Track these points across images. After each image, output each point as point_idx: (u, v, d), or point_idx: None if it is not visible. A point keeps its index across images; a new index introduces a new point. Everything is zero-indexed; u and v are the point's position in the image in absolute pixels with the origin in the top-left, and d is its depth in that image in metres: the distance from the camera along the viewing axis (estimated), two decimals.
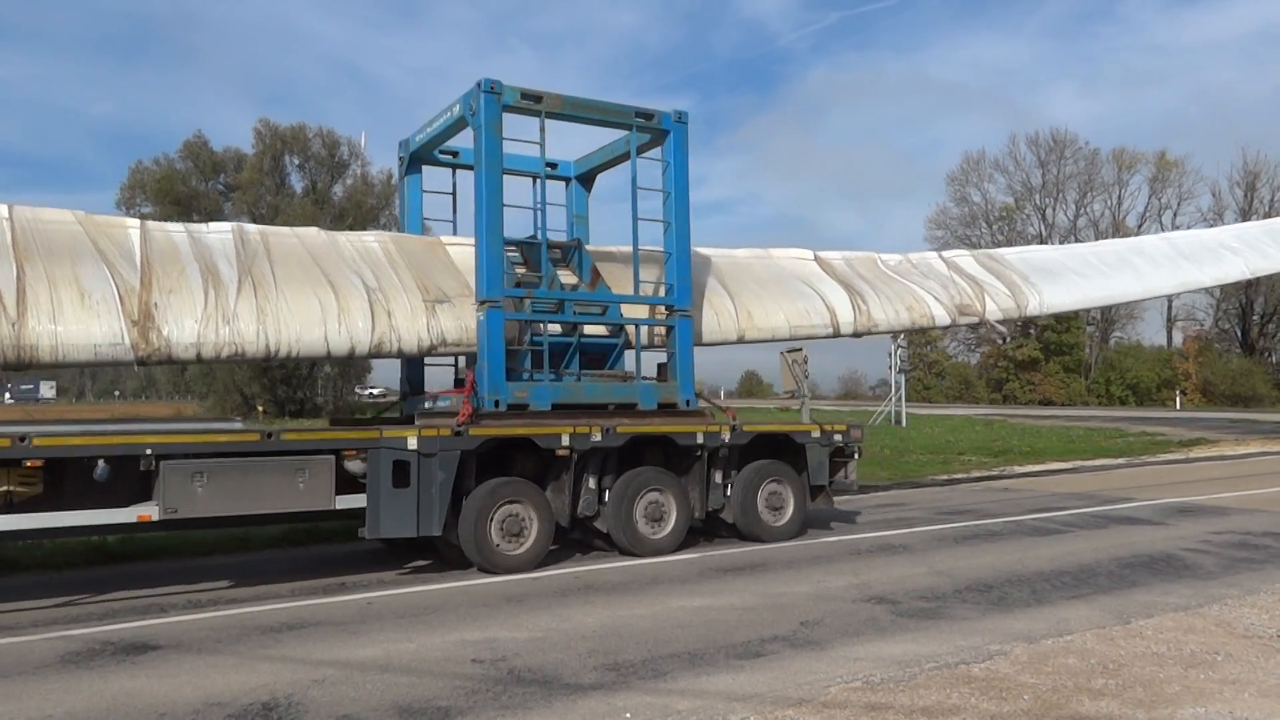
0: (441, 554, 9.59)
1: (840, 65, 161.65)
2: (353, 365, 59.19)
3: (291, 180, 55.32)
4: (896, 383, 39.17)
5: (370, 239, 10.55)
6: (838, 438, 11.17)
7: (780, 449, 10.96)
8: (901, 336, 52.26)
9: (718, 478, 10.40)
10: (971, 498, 15.08)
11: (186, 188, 51.21)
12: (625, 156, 11.23)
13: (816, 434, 11.04)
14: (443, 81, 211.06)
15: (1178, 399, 65.02)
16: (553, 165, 12.20)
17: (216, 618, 7.44)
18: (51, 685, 5.71)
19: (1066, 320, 73.94)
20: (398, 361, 11.23)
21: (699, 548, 10.38)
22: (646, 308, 10.88)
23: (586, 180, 12.49)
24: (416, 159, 11.78)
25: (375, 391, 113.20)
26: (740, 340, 11.64)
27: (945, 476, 19.08)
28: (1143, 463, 21.87)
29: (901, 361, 39.98)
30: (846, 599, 7.80)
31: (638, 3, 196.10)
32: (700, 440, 10.18)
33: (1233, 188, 76.16)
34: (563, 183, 12.51)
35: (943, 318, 13.00)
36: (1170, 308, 79.89)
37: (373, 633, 6.91)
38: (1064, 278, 14.32)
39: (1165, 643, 6.36)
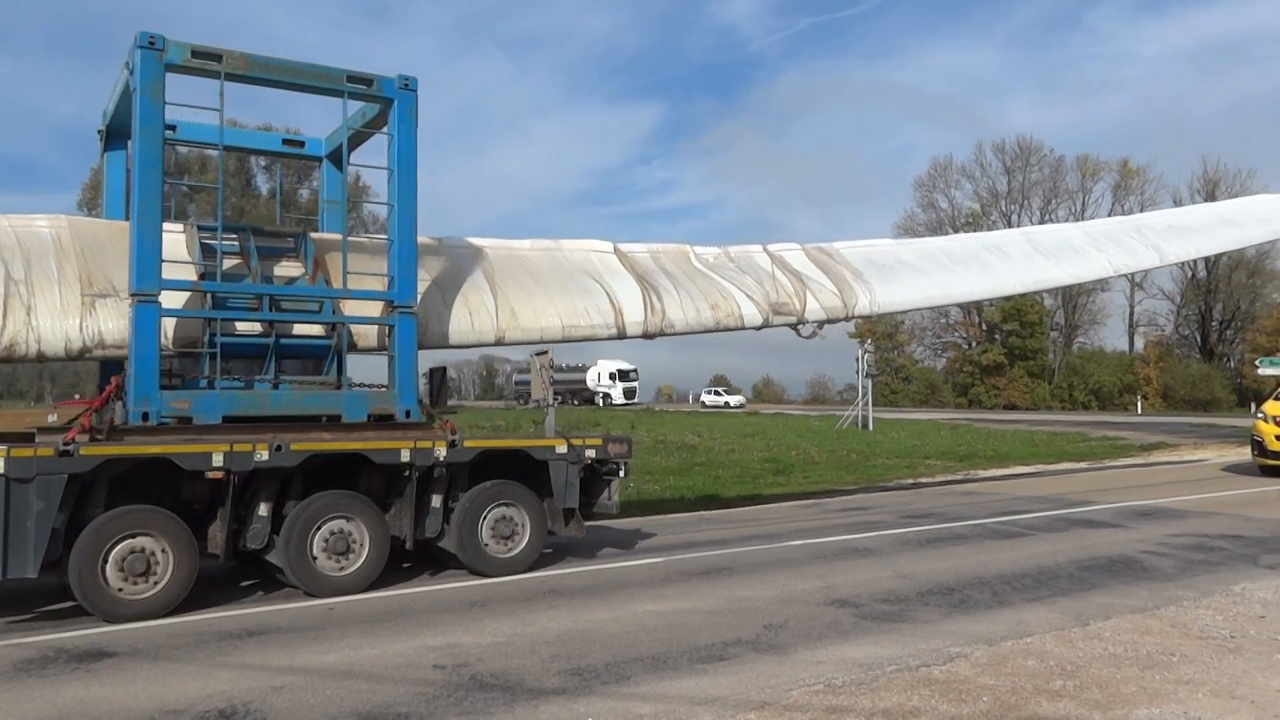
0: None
1: (811, 71, 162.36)
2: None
3: (257, 182, 54.83)
4: (863, 387, 39.45)
5: (42, 223, 9.05)
6: (591, 453, 9.70)
7: (521, 468, 9.52)
8: (869, 341, 52.71)
9: (435, 501, 8.99)
10: (936, 501, 15.20)
11: None
12: (375, 129, 10.00)
13: (563, 450, 9.54)
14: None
15: (1139, 403, 66.02)
16: (298, 143, 11.30)
17: (174, 624, 7.33)
18: (1, 694, 5.60)
19: (1031, 325, 74.95)
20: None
21: (664, 551, 10.38)
22: (365, 304, 9.43)
23: (338, 160, 10.91)
24: (116, 133, 10.00)
25: None
26: (499, 342, 10.42)
27: (911, 480, 19.24)
28: (1104, 466, 22.17)
29: (868, 366, 40.30)
30: (810, 602, 7.83)
31: (610, 6, 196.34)
32: (407, 458, 8.67)
33: (1193, 195, 77.18)
34: (315, 163, 11.40)
35: (753, 318, 11.84)
36: (1132, 314, 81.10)
37: (334, 639, 6.85)
38: (903, 275, 13.26)
39: (1122, 644, 6.45)
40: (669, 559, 9.98)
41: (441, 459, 8.85)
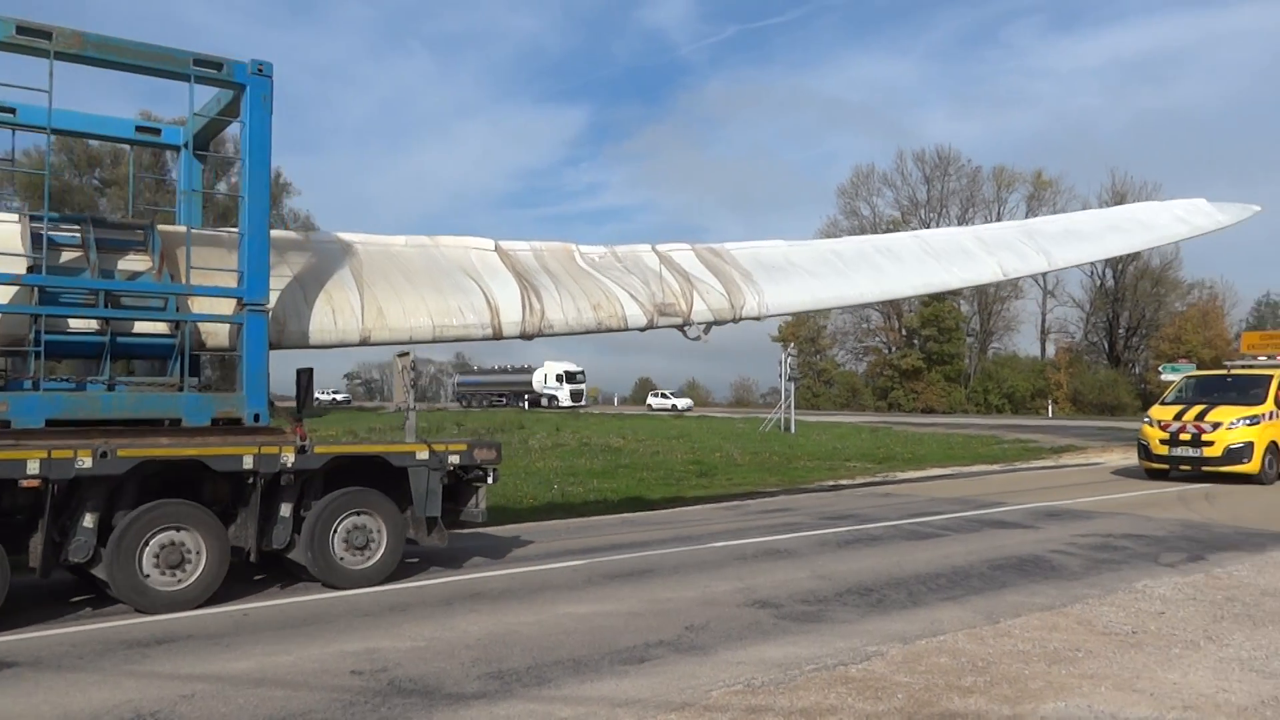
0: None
1: (738, 78, 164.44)
2: (232, 371, 57.39)
3: (172, 176, 53.35)
4: (786, 390, 39.97)
5: None
6: (454, 459, 9.27)
7: (379, 475, 9.04)
8: (792, 345, 53.40)
9: (285, 510, 8.50)
10: (855, 503, 15.47)
11: (60, 182, 48.83)
12: (232, 117, 9.47)
13: (424, 455, 9.08)
14: (339, 81, 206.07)
15: (1050, 408, 68.20)
16: (153, 130, 10.78)
17: (79, 633, 7.09)
18: None
19: (948, 331, 76.78)
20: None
21: (586, 554, 10.38)
22: (217, 302, 8.87)
23: (201, 148, 10.53)
24: None
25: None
26: (365, 342, 9.87)
27: (831, 482, 19.55)
28: (1016, 468, 22.83)
29: (791, 370, 40.87)
30: (731, 603, 7.90)
31: (538, 8, 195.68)
32: (250, 465, 8.17)
33: (1103, 205, 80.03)
34: (173, 151, 10.99)
35: (637, 318, 11.46)
36: (1044, 321, 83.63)
37: (247, 645, 6.69)
38: (792, 277, 13.03)
39: (1031, 641, 6.65)
40: (591, 561, 9.98)
41: (290, 465, 8.36)
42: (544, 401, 78.91)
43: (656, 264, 12.31)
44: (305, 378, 10.29)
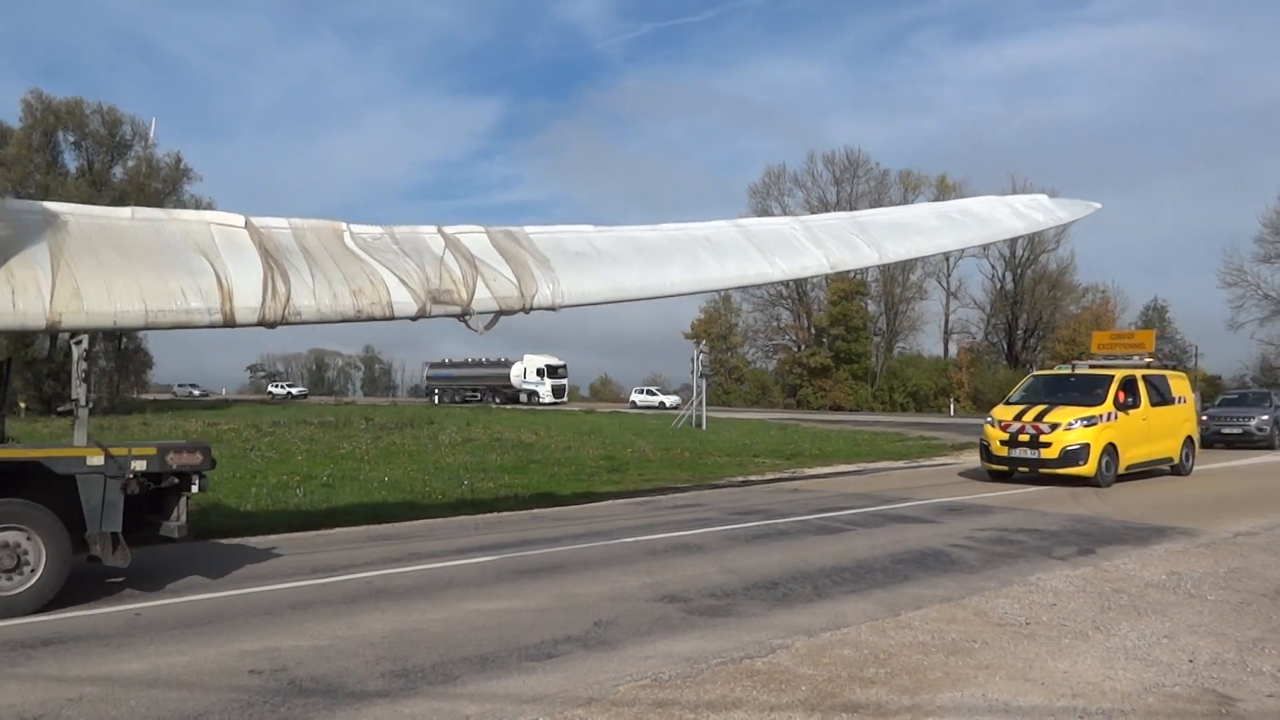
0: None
1: (654, 76, 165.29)
2: (132, 360, 55.33)
3: (65, 159, 51.08)
4: (698, 386, 40.31)
5: None
6: (140, 465, 8.00)
7: (43, 484, 7.79)
8: (704, 342, 53.85)
9: None
10: (764, 499, 15.68)
11: None
12: None
13: (97, 461, 7.80)
14: (246, 65, 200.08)
15: (952, 406, 70.26)
16: None
17: None
18: None
19: (856, 330, 78.40)
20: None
21: (495, 550, 10.30)
22: None
23: None
24: None
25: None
26: (54, 328, 8.54)
27: (741, 478, 19.78)
28: (919, 465, 23.44)
29: (703, 366, 41.23)
30: (640, 598, 7.93)
31: None
32: None
33: None
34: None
35: (406, 306, 10.35)
36: (948, 321, 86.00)
37: (140, 645, 6.45)
38: (598, 265, 11.94)
39: (930, 632, 6.83)
40: (500, 557, 9.90)
41: None
42: (523, 397, 75.71)
43: (440, 247, 11.13)
44: (3, 369, 9.41)
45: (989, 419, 18.69)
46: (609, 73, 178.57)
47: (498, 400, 76.13)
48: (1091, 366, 20.69)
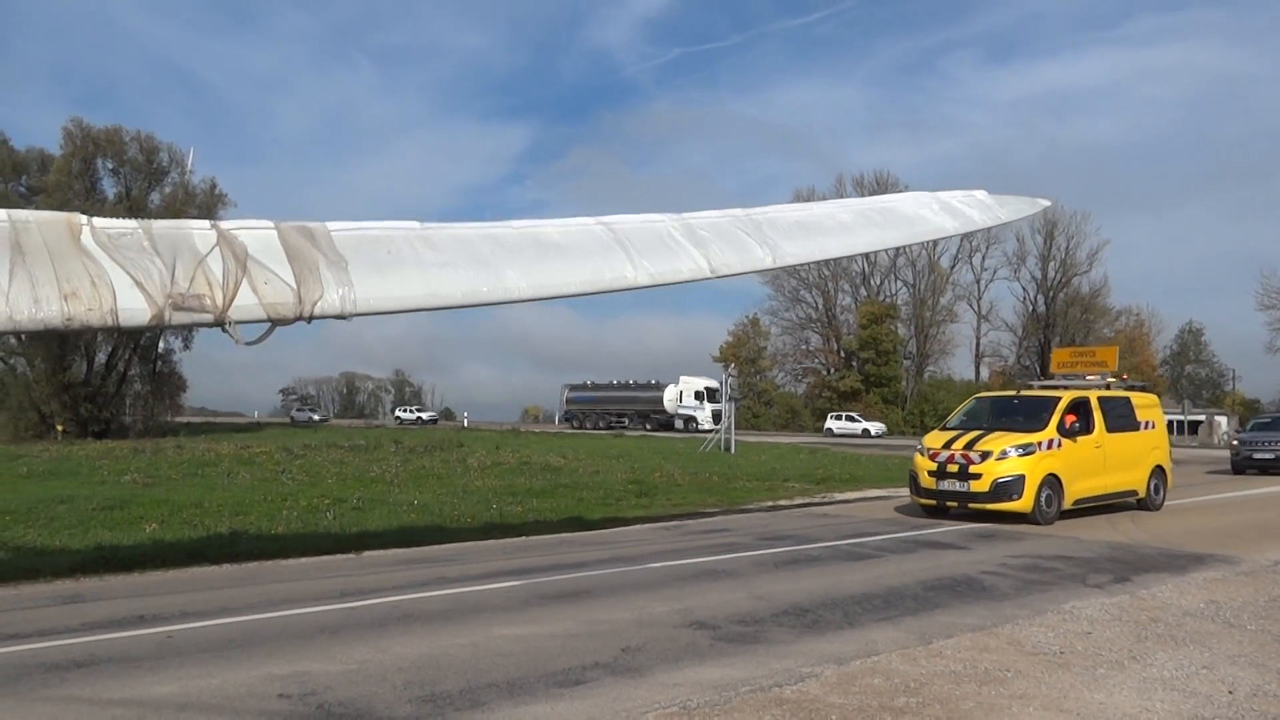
0: None
1: (681, 100, 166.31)
2: (166, 383, 56.04)
3: (103, 185, 52.03)
4: (726, 410, 40.15)
5: None
6: None
7: None
8: (732, 365, 53.75)
9: None
10: (793, 524, 15.57)
11: None
12: None
13: None
14: (282, 92, 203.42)
15: None
16: None
17: None
18: None
19: (886, 354, 78.04)
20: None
21: (523, 574, 10.29)
22: None
23: None
24: None
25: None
26: None
27: (770, 503, 19.65)
28: None
29: (731, 390, 41.11)
30: (668, 624, 7.89)
31: (484, 25, 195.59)
32: None
33: (1034, 234, 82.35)
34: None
35: (137, 313, 8.73)
36: (979, 344, 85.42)
37: (171, 668, 6.49)
38: (411, 267, 10.08)
39: (962, 661, 6.73)
40: (528, 582, 9.89)
41: None
42: (679, 423, 68.92)
43: (209, 245, 9.56)
44: None
45: (919, 447, 16.77)
46: (638, 97, 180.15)
47: (648, 426, 69.37)
48: (1041, 388, 18.90)
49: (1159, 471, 17.60)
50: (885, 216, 13.56)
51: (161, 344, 54.71)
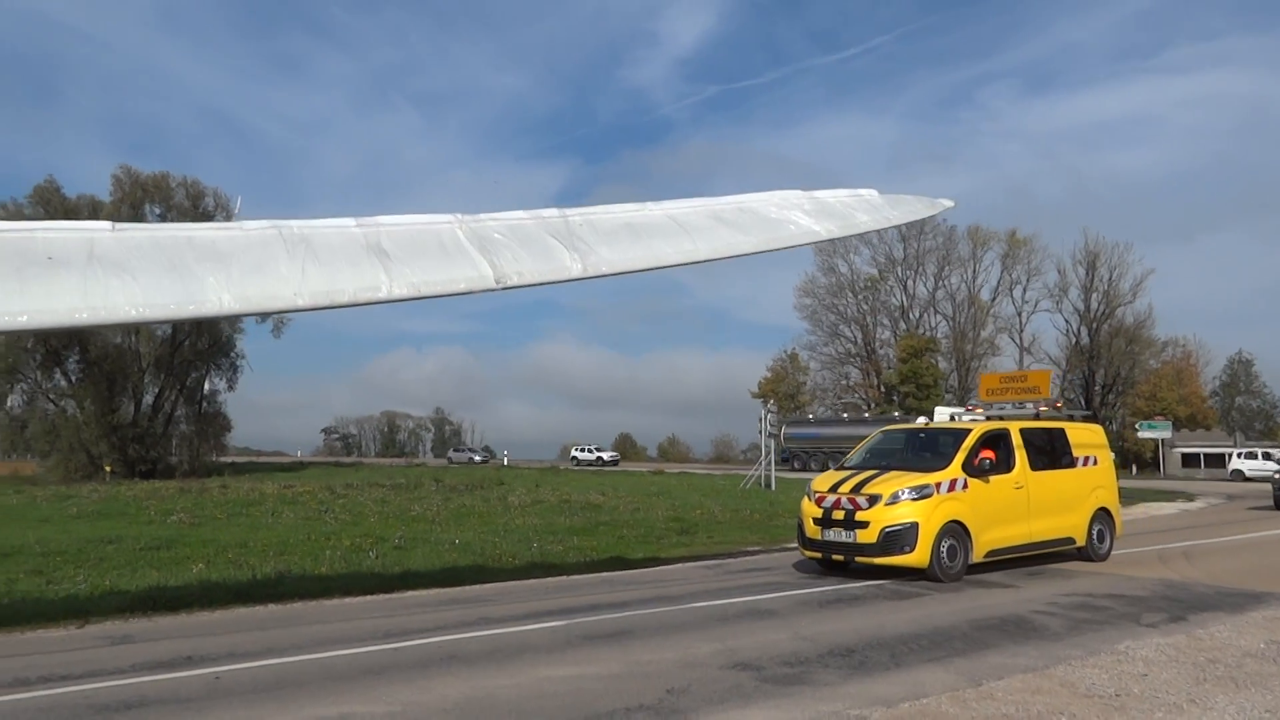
0: None
1: (716, 138, 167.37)
2: (211, 424, 56.88)
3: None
4: (766, 447, 39.86)
5: None
6: None
7: None
8: (771, 401, 53.48)
9: None
10: None
11: None
12: None
13: None
14: (325, 136, 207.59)
15: None
16: None
17: (45, 696, 6.91)
18: None
19: (926, 388, 77.22)
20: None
21: (566, 614, 10.25)
22: None
23: None
24: None
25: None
26: None
27: None
28: None
29: (770, 426, 40.80)
30: (713, 665, 7.81)
31: (522, 67, 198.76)
32: None
33: (1076, 266, 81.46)
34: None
35: None
36: None
37: (219, 710, 6.53)
38: (66, 272, 7.53)
39: (1014, 703, 6.59)
40: (570, 622, 9.85)
41: None
42: None
43: None
44: None
45: (807, 491, 13.92)
46: (674, 135, 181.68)
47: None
48: (953, 419, 16.85)
49: (1103, 515, 14.84)
50: (742, 217, 11.53)
51: (207, 385, 55.71)
